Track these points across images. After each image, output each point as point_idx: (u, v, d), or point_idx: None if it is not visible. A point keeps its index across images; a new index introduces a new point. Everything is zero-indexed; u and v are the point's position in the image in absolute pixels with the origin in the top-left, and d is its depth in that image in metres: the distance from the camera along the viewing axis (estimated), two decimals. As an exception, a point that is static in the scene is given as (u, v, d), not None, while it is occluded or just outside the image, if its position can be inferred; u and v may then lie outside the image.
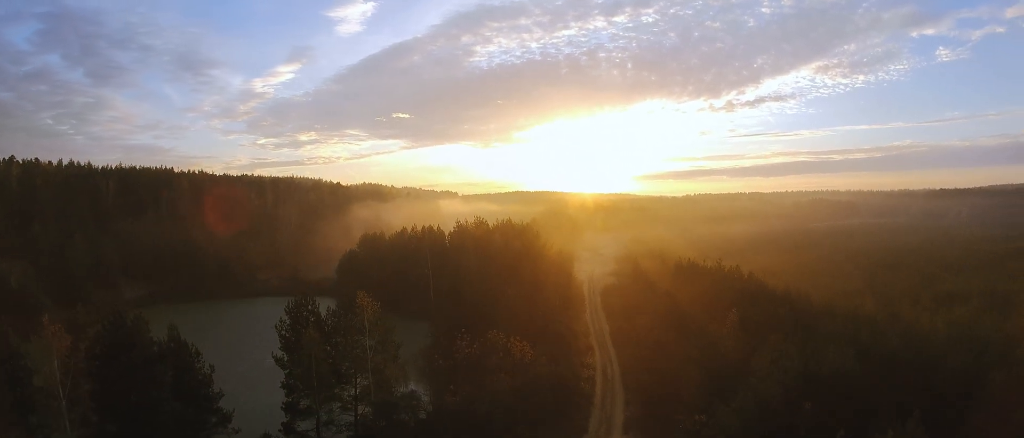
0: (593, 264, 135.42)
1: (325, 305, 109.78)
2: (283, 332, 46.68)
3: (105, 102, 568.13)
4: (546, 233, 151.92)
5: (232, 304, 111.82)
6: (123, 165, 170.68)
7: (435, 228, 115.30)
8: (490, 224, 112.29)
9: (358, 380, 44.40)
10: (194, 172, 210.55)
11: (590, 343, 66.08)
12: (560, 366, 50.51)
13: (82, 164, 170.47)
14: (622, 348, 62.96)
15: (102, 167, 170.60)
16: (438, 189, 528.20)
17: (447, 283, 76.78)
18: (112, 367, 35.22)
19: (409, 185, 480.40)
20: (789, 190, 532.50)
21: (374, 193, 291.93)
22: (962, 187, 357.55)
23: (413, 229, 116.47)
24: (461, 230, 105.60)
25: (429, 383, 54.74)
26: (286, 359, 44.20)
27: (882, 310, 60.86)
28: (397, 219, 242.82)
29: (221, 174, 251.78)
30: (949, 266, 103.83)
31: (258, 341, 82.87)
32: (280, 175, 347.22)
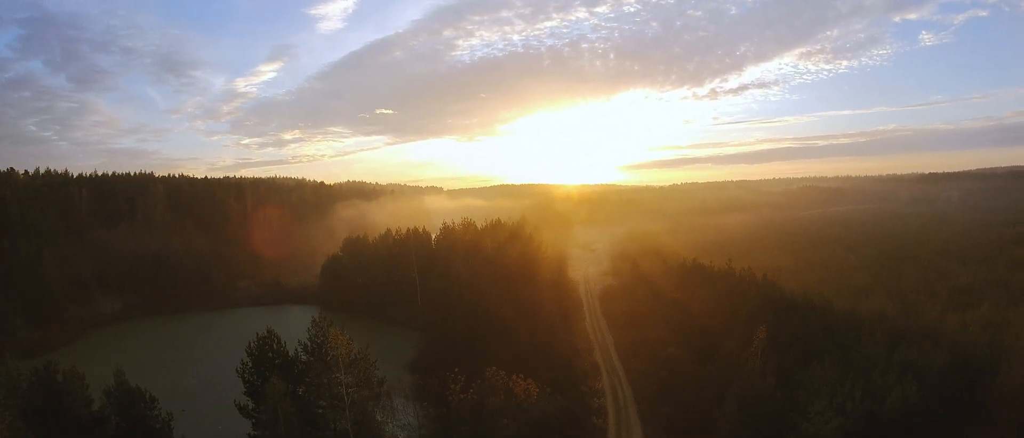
0: (586, 263, 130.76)
1: (306, 316, 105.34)
2: (246, 375, 40.66)
3: (88, 106, 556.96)
4: (536, 230, 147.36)
5: (210, 316, 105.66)
6: (99, 173, 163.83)
7: (420, 230, 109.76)
8: (478, 225, 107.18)
9: (336, 424, 38.44)
10: (174, 176, 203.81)
11: (595, 360, 60.56)
12: (568, 398, 45.46)
13: (59, 172, 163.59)
14: (631, 366, 57.58)
15: (78, 175, 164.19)
16: (423, 184, 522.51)
17: (436, 291, 71.34)
18: (43, 432, 29.53)
19: (394, 181, 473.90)
20: (776, 177, 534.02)
21: (358, 191, 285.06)
22: (948, 171, 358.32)
23: (398, 231, 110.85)
24: (448, 232, 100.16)
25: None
26: (251, 408, 38.42)
27: (905, 312, 57.03)
28: (382, 218, 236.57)
29: (202, 177, 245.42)
30: (954, 255, 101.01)
31: (232, 360, 77.31)
32: (264, 175, 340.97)
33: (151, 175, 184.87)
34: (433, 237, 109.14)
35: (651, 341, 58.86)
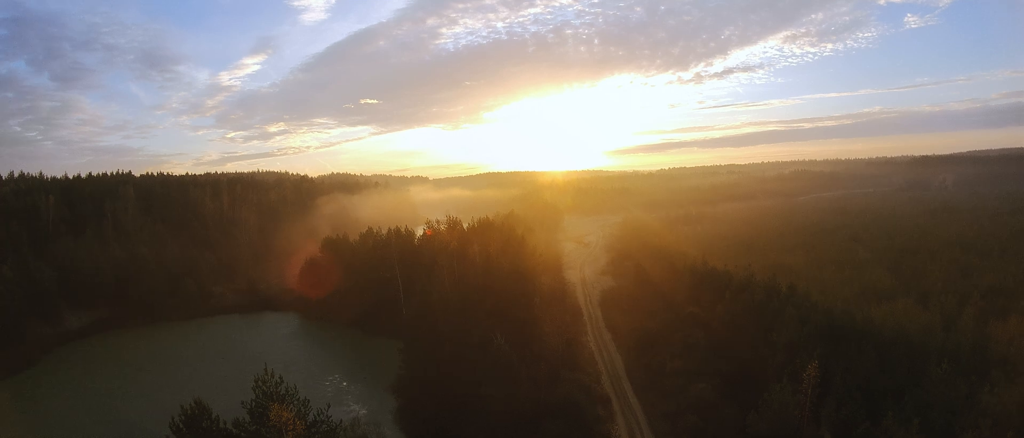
0: (582, 260, 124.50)
1: (283, 325, 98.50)
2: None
3: (72, 105, 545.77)
4: (527, 229, 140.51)
5: (181, 328, 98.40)
6: (70, 176, 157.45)
7: (403, 229, 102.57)
8: (465, 224, 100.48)
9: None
10: (151, 174, 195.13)
11: (606, 393, 51.96)
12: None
13: (33, 176, 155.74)
14: (651, 407, 48.74)
15: (51, 177, 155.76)
16: (409, 174, 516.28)
17: (420, 304, 64.26)
18: None
19: (380, 172, 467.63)
20: (764, 161, 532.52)
21: (342, 184, 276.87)
22: (937, 153, 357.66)
23: (379, 232, 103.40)
24: (430, 237, 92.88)
25: None
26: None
27: (944, 322, 51.32)
28: (366, 212, 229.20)
29: (185, 173, 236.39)
30: (970, 248, 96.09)
31: (199, 384, 70.60)
32: (250, 169, 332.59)
33: (126, 175, 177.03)
34: (418, 235, 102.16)
35: (671, 372, 51.67)
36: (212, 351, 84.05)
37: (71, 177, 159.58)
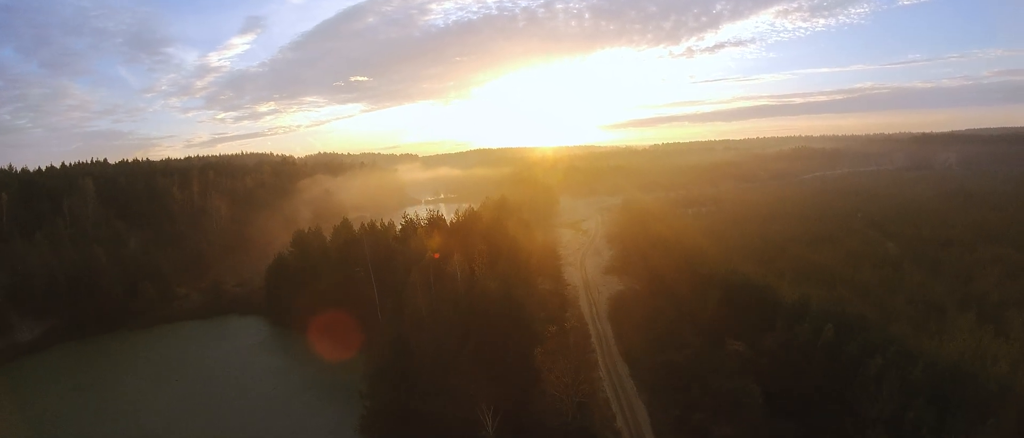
0: (582, 252, 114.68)
1: (248, 332, 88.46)
2: None
3: (62, 91, 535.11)
4: (518, 210, 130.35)
5: (138, 337, 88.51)
6: (27, 168, 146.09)
7: (380, 224, 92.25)
8: (449, 219, 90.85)
9: None
10: (125, 161, 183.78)
11: None
12: None
13: (3, 168, 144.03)
14: None
15: (11, 168, 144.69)
16: (398, 152, 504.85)
17: (390, 328, 54.55)
18: None
19: (369, 151, 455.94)
20: (758, 136, 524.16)
21: (327, 164, 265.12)
22: (932, 131, 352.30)
23: (362, 222, 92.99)
24: (406, 240, 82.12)
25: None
26: None
27: None
28: (350, 195, 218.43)
29: (165, 158, 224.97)
30: (1001, 238, 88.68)
31: (145, 410, 61.52)
32: (240, 150, 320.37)
33: (91, 164, 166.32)
34: (399, 227, 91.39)
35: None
36: (166, 367, 74.63)
37: (41, 169, 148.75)
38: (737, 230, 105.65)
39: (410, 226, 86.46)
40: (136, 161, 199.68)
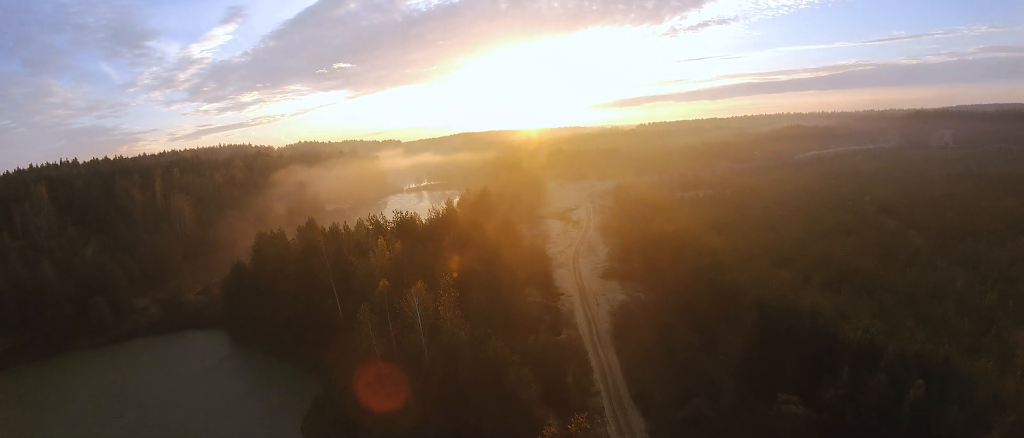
0: (574, 248, 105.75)
1: (207, 349, 79.15)
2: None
3: (44, 89, 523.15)
4: (501, 204, 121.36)
5: (89, 359, 79.45)
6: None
7: (342, 227, 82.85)
8: (423, 218, 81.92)
9: None
10: (100, 159, 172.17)
11: None
12: None
13: None
14: None
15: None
16: (381, 139, 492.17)
17: (340, 370, 45.66)
18: None
19: (352, 138, 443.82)
20: (745, 114, 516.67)
21: (304, 155, 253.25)
22: (926, 108, 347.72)
23: (310, 235, 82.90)
24: (367, 250, 72.03)
25: None
26: None
27: None
28: (327, 186, 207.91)
29: (140, 154, 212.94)
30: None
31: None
32: (226, 141, 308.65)
33: (43, 168, 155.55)
34: (356, 241, 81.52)
35: None
36: (114, 393, 65.86)
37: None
38: (742, 219, 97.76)
39: (373, 233, 76.95)
40: (106, 160, 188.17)
